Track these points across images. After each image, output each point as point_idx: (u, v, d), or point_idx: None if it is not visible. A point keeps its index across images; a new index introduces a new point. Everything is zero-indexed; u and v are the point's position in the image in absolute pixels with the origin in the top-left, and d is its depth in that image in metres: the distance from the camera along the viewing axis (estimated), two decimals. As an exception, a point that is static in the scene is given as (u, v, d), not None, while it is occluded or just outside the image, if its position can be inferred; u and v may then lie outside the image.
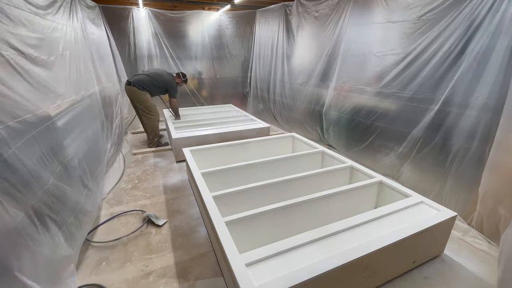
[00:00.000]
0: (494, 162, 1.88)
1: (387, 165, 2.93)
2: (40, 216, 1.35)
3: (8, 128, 1.22)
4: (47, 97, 1.71)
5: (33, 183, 1.34)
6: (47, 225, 1.40)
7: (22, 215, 1.19)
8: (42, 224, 1.36)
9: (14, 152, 1.22)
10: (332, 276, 1.31)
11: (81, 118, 2.33)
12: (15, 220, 1.15)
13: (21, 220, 1.19)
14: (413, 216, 1.71)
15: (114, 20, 4.65)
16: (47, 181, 1.47)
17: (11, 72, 1.37)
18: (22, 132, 1.32)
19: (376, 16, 2.97)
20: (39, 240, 1.30)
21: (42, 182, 1.42)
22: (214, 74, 5.88)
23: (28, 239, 1.22)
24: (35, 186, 1.35)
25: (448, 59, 2.25)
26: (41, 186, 1.41)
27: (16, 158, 1.23)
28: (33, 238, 1.26)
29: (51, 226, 1.44)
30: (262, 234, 1.76)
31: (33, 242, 1.25)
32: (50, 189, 1.49)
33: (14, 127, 1.26)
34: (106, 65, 3.85)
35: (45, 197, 1.44)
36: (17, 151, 1.24)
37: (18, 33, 1.54)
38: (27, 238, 1.22)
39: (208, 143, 3.41)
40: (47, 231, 1.39)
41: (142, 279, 1.71)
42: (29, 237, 1.23)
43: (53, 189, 1.53)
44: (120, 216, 2.37)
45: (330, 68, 3.76)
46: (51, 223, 1.45)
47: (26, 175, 1.29)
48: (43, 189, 1.42)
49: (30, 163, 1.34)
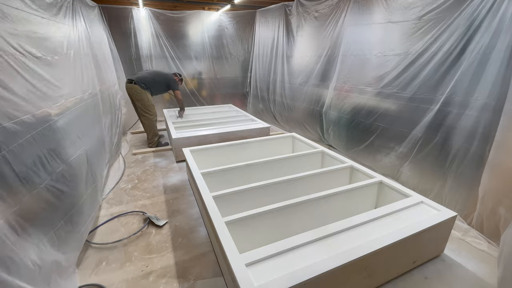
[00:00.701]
0: (494, 162, 1.88)
1: (387, 165, 2.93)
2: (31, 218, 1.33)
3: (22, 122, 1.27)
4: (52, 96, 1.72)
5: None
6: (43, 227, 1.39)
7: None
8: (39, 225, 1.35)
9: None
10: (332, 276, 1.31)
11: (84, 118, 2.33)
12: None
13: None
14: (413, 216, 1.71)
15: (114, 20, 4.65)
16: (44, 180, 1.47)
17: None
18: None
19: (376, 16, 2.97)
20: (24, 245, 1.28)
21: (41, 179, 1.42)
22: (214, 74, 5.88)
23: (20, 241, 1.20)
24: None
25: (449, 59, 2.25)
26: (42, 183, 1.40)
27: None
28: (27, 239, 1.25)
29: (47, 228, 1.43)
30: (262, 234, 1.76)
31: (17, 247, 1.22)
32: (50, 188, 1.49)
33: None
34: (106, 65, 3.85)
35: (46, 196, 1.43)
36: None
37: (19, 33, 1.54)
38: (20, 240, 1.20)
39: (208, 143, 3.42)
40: (43, 232, 1.38)
41: (142, 279, 1.71)
42: (11, 241, 1.20)
43: (54, 189, 1.53)
44: (120, 216, 2.37)
45: (330, 68, 3.76)
46: (46, 224, 1.44)
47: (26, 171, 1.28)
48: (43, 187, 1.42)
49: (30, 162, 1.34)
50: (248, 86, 6.24)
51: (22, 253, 1.19)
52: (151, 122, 3.95)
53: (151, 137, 4.03)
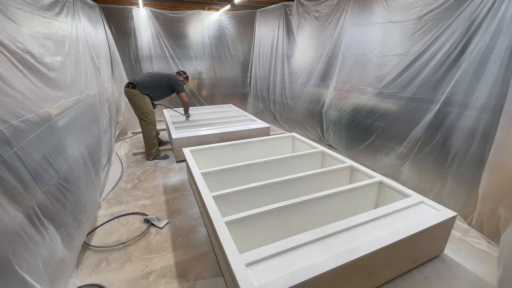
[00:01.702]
0: (494, 162, 1.88)
1: (387, 165, 2.93)
2: (39, 216, 1.35)
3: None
4: (53, 95, 1.72)
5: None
6: (45, 226, 1.40)
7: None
8: (42, 224, 1.36)
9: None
10: (332, 276, 1.31)
11: (83, 118, 2.33)
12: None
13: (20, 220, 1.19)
14: (413, 216, 1.71)
15: (114, 20, 4.65)
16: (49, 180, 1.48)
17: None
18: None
19: (376, 16, 2.97)
20: (39, 240, 1.30)
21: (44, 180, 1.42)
22: (214, 74, 5.88)
23: (27, 239, 1.22)
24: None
25: (449, 59, 2.25)
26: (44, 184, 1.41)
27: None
28: (33, 238, 1.26)
29: (49, 226, 1.44)
30: (262, 234, 1.76)
31: (32, 242, 1.24)
32: (50, 188, 1.49)
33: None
34: (105, 66, 3.85)
35: (45, 196, 1.44)
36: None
37: (24, 32, 1.55)
38: (27, 238, 1.22)
39: (208, 143, 3.42)
40: (46, 232, 1.39)
41: (142, 279, 1.71)
42: (28, 237, 1.23)
43: (54, 188, 1.53)
44: (120, 217, 2.37)
45: (330, 68, 3.76)
46: (50, 223, 1.45)
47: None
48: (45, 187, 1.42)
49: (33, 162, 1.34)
50: (248, 86, 6.24)
51: (35, 249, 1.24)
52: (149, 132, 3.53)
53: (148, 148, 3.62)
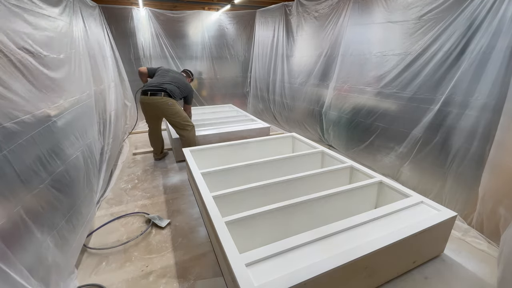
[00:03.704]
0: (494, 162, 1.88)
1: (387, 165, 2.93)
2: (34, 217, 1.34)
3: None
4: (54, 95, 1.72)
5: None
6: (42, 227, 1.39)
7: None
8: (36, 225, 1.35)
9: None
10: (332, 276, 1.31)
11: (81, 118, 2.32)
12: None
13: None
14: (413, 216, 1.71)
15: (114, 20, 4.65)
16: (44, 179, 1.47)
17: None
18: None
19: (376, 16, 2.97)
20: (34, 241, 1.29)
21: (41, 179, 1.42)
22: (214, 74, 5.88)
23: (22, 239, 1.21)
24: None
25: (449, 59, 2.25)
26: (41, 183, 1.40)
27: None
28: (28, 239, 1.26)
29: (45, 229, 1.43)
30: (262, 234, 1.76)
31: (30, 242, 1.24)
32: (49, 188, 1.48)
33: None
34: (105, 66, 3.84)
35: (45, 196, 1.43)
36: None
37: (24, 32, 1.54)
38: (22, 239, 1.21)
39: (208, 143, 3.42)
40: (33, 236, 1.38)
41: (142, 279, 1.71)
42: (24, 236, 1.22)
43: (54, 188, 1.53)
44: (121, 217, 2.37)
45: (330, 68, 3.76)
46: (45, 225, 1.44)
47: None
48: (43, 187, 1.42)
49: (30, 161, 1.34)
50: (248, 86, 6.24)
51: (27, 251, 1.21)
52: (193, 136, 3.36)
53: (161, 150, 3.60)
